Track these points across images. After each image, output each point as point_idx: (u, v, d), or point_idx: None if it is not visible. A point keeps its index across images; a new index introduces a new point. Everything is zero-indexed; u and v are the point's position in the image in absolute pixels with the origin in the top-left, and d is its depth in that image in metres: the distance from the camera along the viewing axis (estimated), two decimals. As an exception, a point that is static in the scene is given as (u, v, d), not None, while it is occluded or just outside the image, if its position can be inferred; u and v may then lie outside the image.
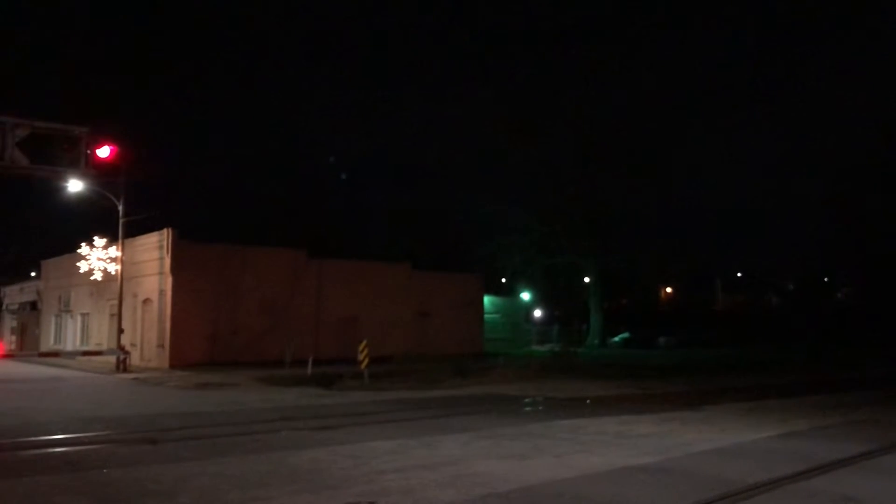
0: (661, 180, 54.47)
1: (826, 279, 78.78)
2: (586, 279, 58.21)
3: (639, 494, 8.91)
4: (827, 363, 36.53)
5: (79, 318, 42.14)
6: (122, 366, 29.63)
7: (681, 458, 11.19)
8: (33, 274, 53.04)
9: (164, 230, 33.11)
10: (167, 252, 32.88)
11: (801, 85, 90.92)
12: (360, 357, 24.57)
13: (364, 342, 24.94)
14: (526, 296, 57.74)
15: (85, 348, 38.33)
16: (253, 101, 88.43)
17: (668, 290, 77.14)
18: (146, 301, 34.70)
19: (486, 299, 46.73)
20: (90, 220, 35.09)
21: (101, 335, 38.41)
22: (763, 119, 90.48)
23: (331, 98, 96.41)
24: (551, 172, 51.98)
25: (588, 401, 20.40)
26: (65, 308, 43.42)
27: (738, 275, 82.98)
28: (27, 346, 46.06)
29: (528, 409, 19.18)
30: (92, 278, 33.79)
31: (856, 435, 13.81)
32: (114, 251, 32.49)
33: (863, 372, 32.54)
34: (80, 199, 31.81)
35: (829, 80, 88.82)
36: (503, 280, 55.87)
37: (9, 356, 39.40)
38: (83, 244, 33.84)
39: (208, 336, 32.74)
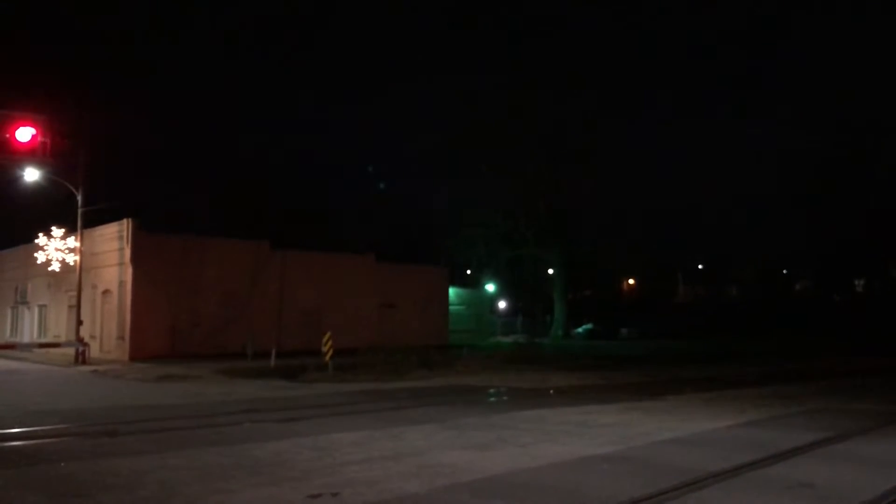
0: (623, 174, 55.14)
1: (784, 271, 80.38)
2: (550, 271, 58.65)
3: (601, 483, 9.01)
4: (785, 354, 37.27)
5: (36, 310, 41.30)
6: (81, 358, 29.14)
7: (642, 448, 11.34)
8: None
9: (124, 220, 32.57)
10: (127, 243, 32.35)
11: (762, 80, 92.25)
12: (324, 349, 24.46)
13: (328, 334, 24.82)
14: (490, 287, 57.94)
15: (42, 340, 37.59)
16: (216, 91, 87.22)
17: (631, 281, 78.06)
18: (106, 292, 34.13)
19: (451, 291, 46.78)
20: (48, 210, 34.36)
21: (59, 327, 37.68)
22: (725, 114, 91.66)
23: (290, 86, 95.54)
24: (516, 166, 52.16)
25: (551, 391, 20.60)
26: (21, 300, 42.52)
27: (699, 267, 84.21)
28: (-19, 339, 44.97)
29: (492, 399, 19.27)
30: (49, 269, 33.08)
31: (811, 423, 14.14)
32: (72, 241, 31.86)
33: (819, 362, 33.28)
34: (38, 188, 31.15)
35: (791, 76, 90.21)
36: (468, 272, 56.01)
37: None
38: (40, 234, 33.12)
39: (169, 328, 32.33)
